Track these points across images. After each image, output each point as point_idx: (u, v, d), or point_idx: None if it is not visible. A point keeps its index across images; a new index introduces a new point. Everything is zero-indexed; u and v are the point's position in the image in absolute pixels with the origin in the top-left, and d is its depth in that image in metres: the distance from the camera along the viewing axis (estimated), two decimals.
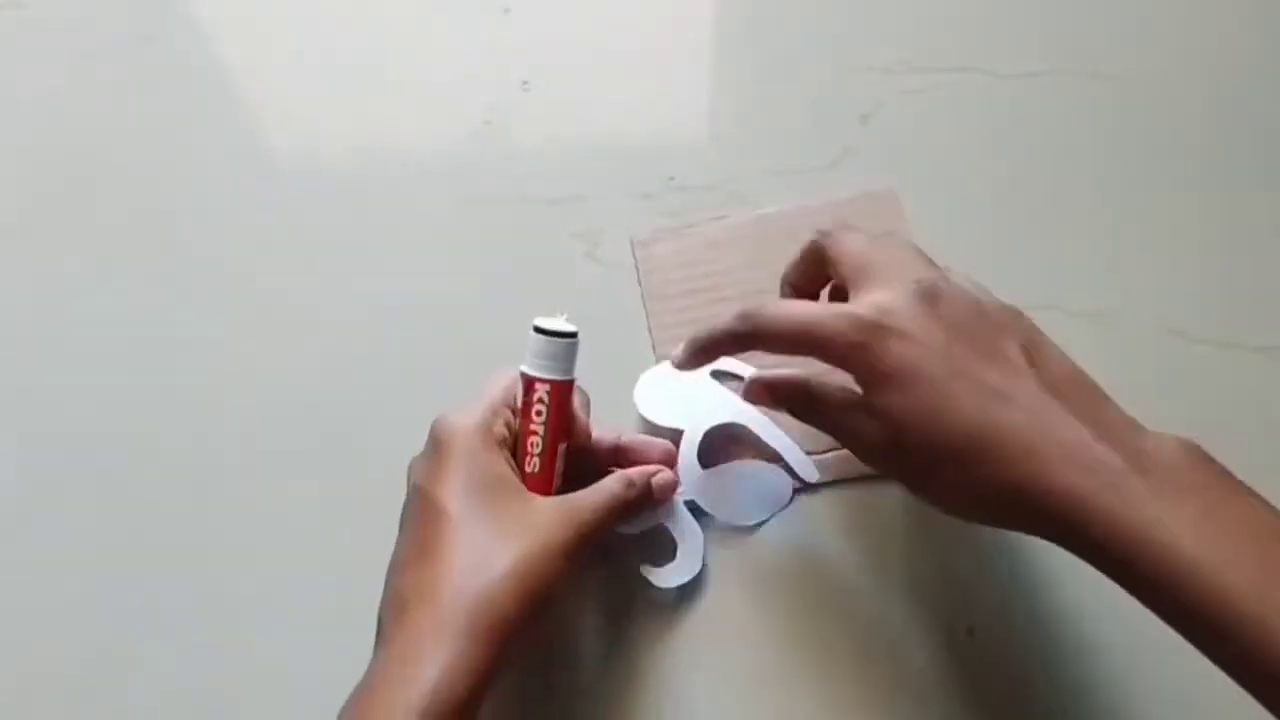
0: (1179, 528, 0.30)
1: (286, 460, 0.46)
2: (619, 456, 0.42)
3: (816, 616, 0.42)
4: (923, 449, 0.33)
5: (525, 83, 0.53)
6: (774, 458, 0.44)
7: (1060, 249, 0.48)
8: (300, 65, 0.55)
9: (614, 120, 0.53)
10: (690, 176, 0.51)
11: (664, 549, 0.42)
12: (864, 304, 0.34)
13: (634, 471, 0.40)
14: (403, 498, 0.37)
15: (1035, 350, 0.34)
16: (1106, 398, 0.34)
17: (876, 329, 0.34)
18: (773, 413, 0.43)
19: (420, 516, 0.36)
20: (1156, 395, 0.36)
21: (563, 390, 0.38)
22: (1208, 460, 0.32)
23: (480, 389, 0.39)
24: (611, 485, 0.38)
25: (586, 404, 0.41)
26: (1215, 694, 0.31)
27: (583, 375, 0.42)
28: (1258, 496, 0.31)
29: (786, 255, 0.41)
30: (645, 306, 0.48)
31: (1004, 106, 0.51)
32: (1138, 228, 0.48)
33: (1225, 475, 0.32)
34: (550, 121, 0.53)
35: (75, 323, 0.50)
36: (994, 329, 0.34)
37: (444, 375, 0.47)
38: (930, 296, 0.34)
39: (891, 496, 0.43)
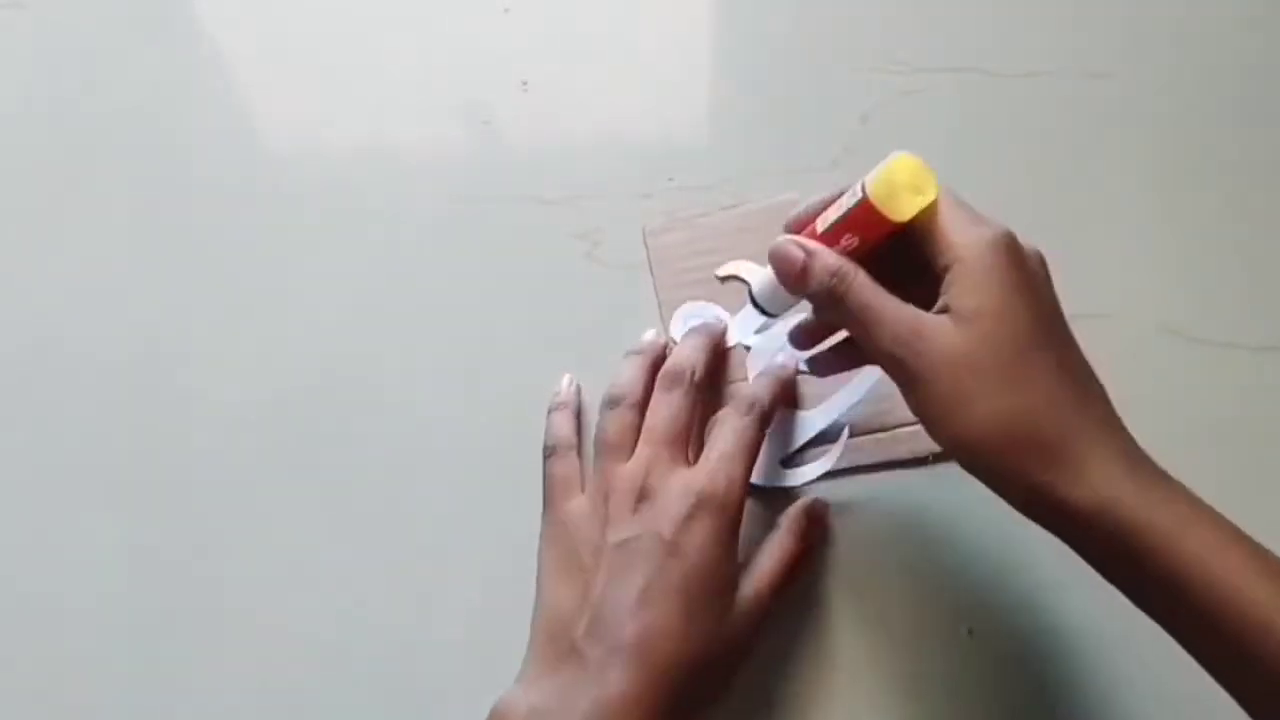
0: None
1: (283, 458, 0.46)
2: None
3: (813, 616, 0.42)
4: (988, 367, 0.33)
5: (525, 83, 0.53)
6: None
7: (1059, 249, 0.48)
8: (300, 64, 0.55)
9: (614, 120, 0.53)
10: (690, 176, 0.50)
11: None
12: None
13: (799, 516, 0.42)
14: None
15: None
16: None
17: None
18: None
19: (665, 576, 0.36)
20: (1156, 396, 0.36)
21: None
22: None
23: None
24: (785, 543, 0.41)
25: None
26: (1216, 693, 0.32)
27: (582, 376, 0.43)
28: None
29: None
30: (657, 296, 0.47)
31: (1004, 106, 0.51)
32: (1138, 227, 0.48)
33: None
34: (550, 121, 0.53)
35: (74, 320, 0.50)
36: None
37: (443, 376, 0.47)
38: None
39: (890, 495, 0.43)
